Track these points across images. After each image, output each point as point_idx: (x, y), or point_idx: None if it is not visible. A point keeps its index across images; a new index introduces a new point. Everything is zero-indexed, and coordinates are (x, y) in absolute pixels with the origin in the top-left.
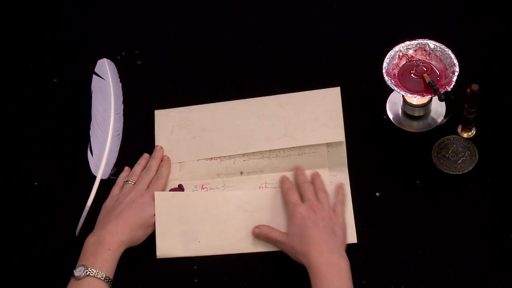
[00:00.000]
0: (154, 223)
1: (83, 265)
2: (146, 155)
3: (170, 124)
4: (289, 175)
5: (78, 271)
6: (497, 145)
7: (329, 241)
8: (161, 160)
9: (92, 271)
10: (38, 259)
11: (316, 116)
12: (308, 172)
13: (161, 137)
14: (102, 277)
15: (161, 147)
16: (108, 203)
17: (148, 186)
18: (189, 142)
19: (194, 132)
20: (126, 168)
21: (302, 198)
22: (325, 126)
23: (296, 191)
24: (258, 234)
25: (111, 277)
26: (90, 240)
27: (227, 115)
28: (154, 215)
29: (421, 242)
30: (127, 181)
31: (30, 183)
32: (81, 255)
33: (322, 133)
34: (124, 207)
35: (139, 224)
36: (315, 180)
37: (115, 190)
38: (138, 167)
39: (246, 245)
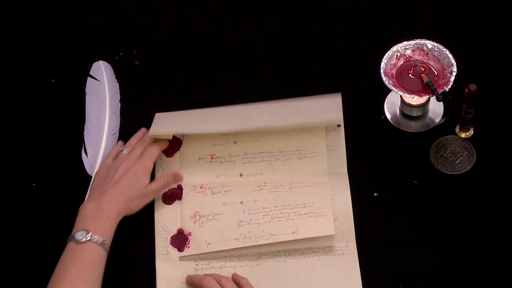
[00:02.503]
0: (149, 193)
1: (84, 229)
2: (143, 129)
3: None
4: (288, 178)
5: (79, 235)
6: (495, 145)
7: None
8: None
9: (94, 237)
10: (35, 260)
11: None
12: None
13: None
14: (102, 242)
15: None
16: (101, 171)
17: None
18: (188, 115)
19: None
20: (120, 142)
21: None
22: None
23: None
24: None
25: (110, 244)
26: (89, 207)
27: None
28: (147, 185)
29: (419, 242)
30: (121, 150)
31: (27, 184)
32: (79, 221)
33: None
34: (119, 176)
35: (134, 193)
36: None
37: (108, 160)
38: (134, 139)
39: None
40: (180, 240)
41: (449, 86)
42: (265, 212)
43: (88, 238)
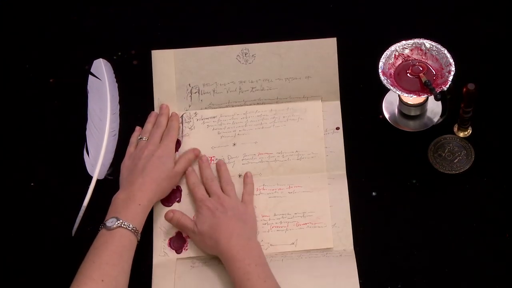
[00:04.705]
0: (176, 174)
1: (115, 217)
2: (154, 112)
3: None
4: (287, 179)
5: (110, 222)
6: (493, 144)
7: (238, 227)
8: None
9: (124, 223)
10: (35, 260)
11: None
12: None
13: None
14: (132, 229)
15: (167, 105)
16: (127, 162)
17: (161, 140)
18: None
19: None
20: (137, 128)
21: (208, 193)
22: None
23: (202, 186)
24: (171, 219)
25: (140, 231)
26: (120, 196)
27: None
28: (175, 165)
29: (418, 241)
30: (140, 138)
31: (26, 184)
32: (111, 210)
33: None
34: (145, 162)
35: (162, 177)
36: (220, 172)
37: (130, 149)
38: (148, 124)
39: None
40: (178, 242)
41: (447, 86)
42: (264, 220)
43: (118, 224)
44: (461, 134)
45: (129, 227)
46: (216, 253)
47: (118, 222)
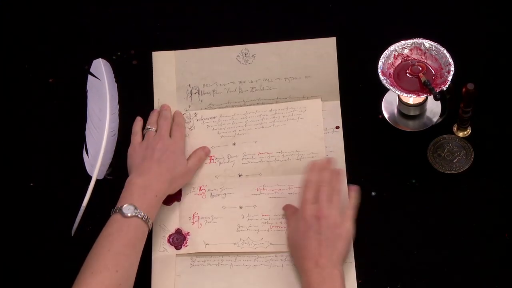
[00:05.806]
0: (190, 170)
1: (132, 204)
2: (156, 110)
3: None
4: (287, 179)
5: (127, 209)
6: (493, 144)
7: (326, 254)
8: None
9: (140, 213)
10: (34, 260)
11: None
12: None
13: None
14: (147, 220)
15: (168, 106)
16: (137, 148)
17: (170, 134)
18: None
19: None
20: (139, 118)
21: (316, 196)
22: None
23: (314, 187)
24: (285, 208)
25: (152, 223)
26: (138, 183)
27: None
28: (187, 160)
29: (417, 241)
30: (148, 128)
31: (25, 184)
32: (127, 195)
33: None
34: (160, 154)
35: (178, 172)
36: (334, 180)
37: (136, 138)
38: (153, 115)
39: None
40: (178, 239)
41: (447, 85)
42: (264, 219)
43: (134, 214)
44: (461, 134)
45: (144, 217)
46: (296, 265)
47: (136, 211)
